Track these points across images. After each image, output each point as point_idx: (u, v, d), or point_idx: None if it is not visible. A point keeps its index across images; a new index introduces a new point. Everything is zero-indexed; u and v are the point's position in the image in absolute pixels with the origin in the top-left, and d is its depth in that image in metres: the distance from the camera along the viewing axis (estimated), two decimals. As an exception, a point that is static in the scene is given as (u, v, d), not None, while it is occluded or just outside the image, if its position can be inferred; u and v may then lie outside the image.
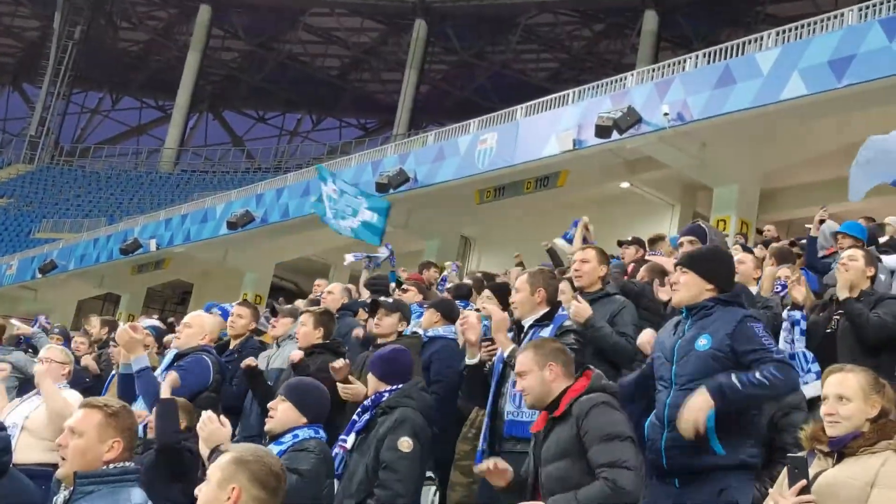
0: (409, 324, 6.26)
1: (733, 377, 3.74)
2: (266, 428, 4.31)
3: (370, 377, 4.80)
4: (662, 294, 6.17)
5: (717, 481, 3.81)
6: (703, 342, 3.94)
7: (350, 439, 4.65)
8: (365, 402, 4.82)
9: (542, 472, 3.84)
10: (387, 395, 4.69)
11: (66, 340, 9.61)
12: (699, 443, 3.78)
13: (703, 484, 3.83)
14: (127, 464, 3.21)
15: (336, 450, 4.65)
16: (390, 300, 6.63)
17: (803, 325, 5.19)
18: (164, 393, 5.09)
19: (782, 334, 5.24)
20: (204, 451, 3.86)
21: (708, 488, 3.81)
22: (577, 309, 5.09)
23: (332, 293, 8.13)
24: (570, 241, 10.07)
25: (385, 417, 4.61)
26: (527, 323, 5.01)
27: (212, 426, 3.84)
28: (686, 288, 4.10)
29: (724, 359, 3.86)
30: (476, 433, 5.51)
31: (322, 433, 4.26)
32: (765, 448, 4.20)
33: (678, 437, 3.81)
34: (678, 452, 3.85)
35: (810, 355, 5.18)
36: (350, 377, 5.34)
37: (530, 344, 4.17)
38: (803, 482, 3.05)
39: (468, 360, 5.10)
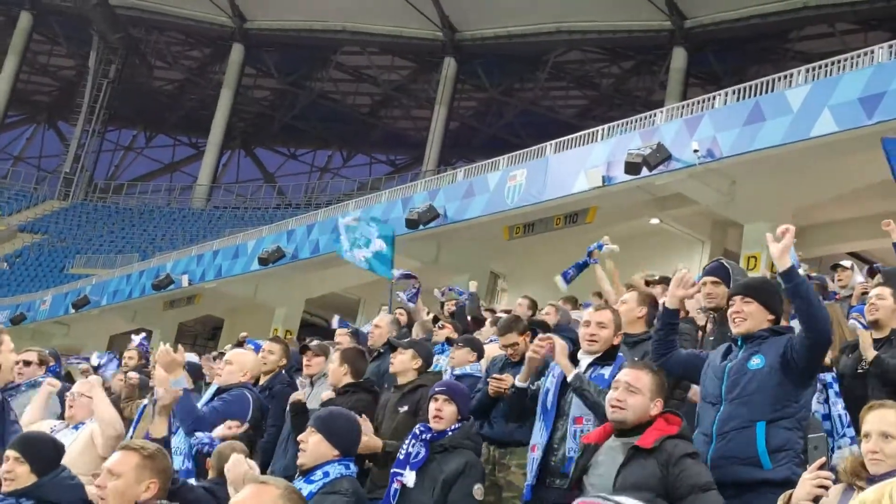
0: (426, 361, 6.16)
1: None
2: (298, 462, 4.17)
3: (449, 407, 4.82)
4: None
5: (759, 502, 3.89)
6: (756, 361, 4.10)
7: (411, 477, 4.66)
8: (417, 431, 4.83)
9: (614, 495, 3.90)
10: (450, 432, 4.76)
11: (57, 362, 9.65)
12: (747, 456, 3.93)
13: (743, 501, 3.92)
14: (163, 502, 3.34)
15: (394, 485, 4.68)
16: (405, 340, 6.61)
17: (836, 386, 5.09)
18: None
19: (815, 395, 5.16)
20: (232, 492, 3.81)
21: None
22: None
23: (379, 327, 7.70)
24: (568, 280, 9.75)
25: (445, 455, 4.68)
26: (584, 360, 4.97)
27: (242, 468, 3.83)
28: (751, 318, 4.23)
29: (775, 375, 4.02)
30: (492, 468, 5.53)
31: (353, 468, 4.18)
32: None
33: (726, 449, 3.99)
34: (724, 465, 3.98)
35: (847, 419, 5.01)
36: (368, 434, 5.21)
37: (648, 368, 4.21)
38: (822, 459, 3.05)
39: (518, 383, 5.11)
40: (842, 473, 3.26)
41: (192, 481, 4.46)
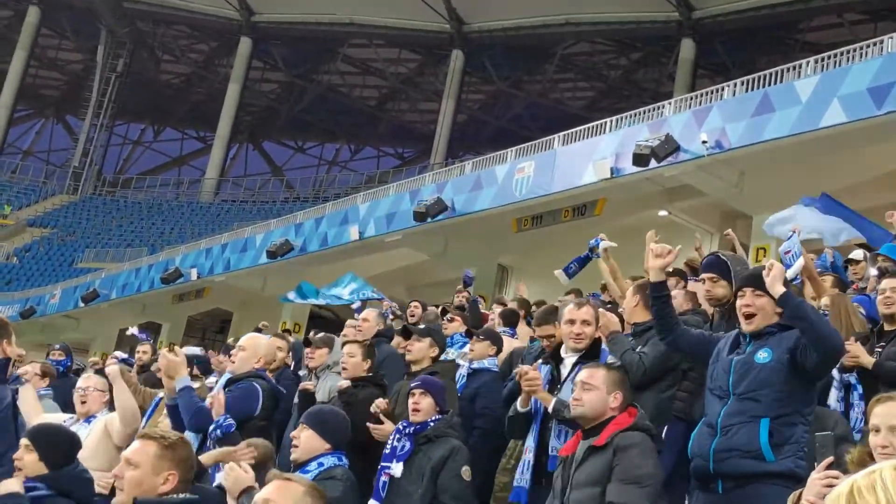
0: (442, 349, 6.21)
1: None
2: (292, 457, 4.31)
3: (426, 399, 4.86)
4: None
5: (760, 491, 3.90)
6: (763, 355, 4.06)
7: (398, 468, 4.72)
8: (401, 427, 4.89)
9: (570, 496, 3.90)
10: (431, 423, 4.80)
11: (68, 356, 9.70)
12: (749, 450, 3.92)
13: (746, 491, 3.93)
14: (187, 495, 3.24)
15: (382, 478, 4.74)
16: (421, 326, 6.62)
17: (861, 389, 5.00)
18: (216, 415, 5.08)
19: (833, 392, 5.13)
20: (231, 497, 3.77)
21: (752, 498, 3.90)
22: (606, 320, 5.12)
23: (367, 320, 7.82)
24: (570, 275, 9.77)
25: (430, 445, 4.72)
26: (569, 358, 4.99)
27: (234, 474, 3.76)
28: (762, 312, 4.15)
29: (783, 370, 3.98)
30: (515, 464, 5.51)
31: (345, 460, 4.33)
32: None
33: (729, 443, 3.97)
34: (727, 457, 3.98)
35: None
36: (384, 417, 5.34)
37: (604, 365, 4.36)
38: (830, 459, 3.03)
39: (520, 409, 5.01)
40: (849, 464, 3.21)
41: None
